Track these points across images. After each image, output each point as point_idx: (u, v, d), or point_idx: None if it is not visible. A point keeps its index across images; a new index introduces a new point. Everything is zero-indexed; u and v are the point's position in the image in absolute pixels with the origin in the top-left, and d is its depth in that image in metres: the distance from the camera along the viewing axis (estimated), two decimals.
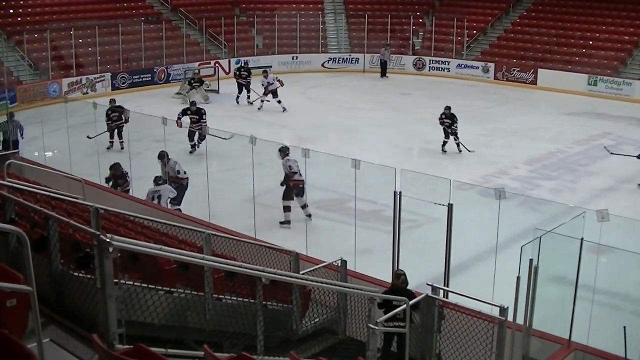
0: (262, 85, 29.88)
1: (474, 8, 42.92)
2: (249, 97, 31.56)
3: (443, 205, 11.79)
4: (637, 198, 19.77)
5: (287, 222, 17.09)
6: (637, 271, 9.42)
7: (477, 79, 38.71)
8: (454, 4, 43.48)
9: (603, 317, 11.99)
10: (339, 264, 11.18)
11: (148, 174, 19.17)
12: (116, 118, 22.42)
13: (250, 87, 31.54)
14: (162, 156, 18.06)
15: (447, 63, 40.46)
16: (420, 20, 42.84)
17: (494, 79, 38.55)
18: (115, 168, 18.13)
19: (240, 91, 31.76)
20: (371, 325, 8.48)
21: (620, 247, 10.19)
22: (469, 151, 23.55)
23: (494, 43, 41.10)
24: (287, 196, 17.13)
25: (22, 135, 21.58)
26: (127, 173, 18.27)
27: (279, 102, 29.31)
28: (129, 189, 18.20)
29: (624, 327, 9.08)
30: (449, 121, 23.84)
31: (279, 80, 29.84)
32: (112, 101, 23.81)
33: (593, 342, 10.02)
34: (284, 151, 17.29)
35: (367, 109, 27.22)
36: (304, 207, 17.27)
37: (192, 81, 32.39)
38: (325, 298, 10.80)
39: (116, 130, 22.64)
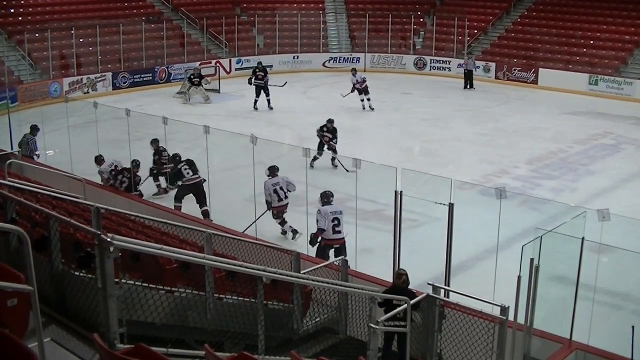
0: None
1: (475, 7, 42.90)
2: (269, 101, 30.41)
3: (444, 204, 11.79)
4: (638, 197, 19.75)
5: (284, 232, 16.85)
6: (638, 270, 9.42)
7: (478, 79, 38.66)
8: (454, 4, 43.47)
9: (604, 316, 11.99)
10: (340, 264, 11.19)
11: (148, 174, 19.21)
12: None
13: (269, 85, 30.59)
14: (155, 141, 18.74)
15: (448, 62, 40.45)
16: (421, 19, 42.84)
17: (495, 78, 38.52)
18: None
19: (258, 94, 30.47)
20: (372, 325, 8.48)
21: (621, 247, 10.19)
22: (347, 170, 19.66)
23: (494, 42, 41.08)
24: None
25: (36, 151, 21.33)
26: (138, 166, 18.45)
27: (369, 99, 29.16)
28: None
29: (632, 327, 9.06)
30: (329, 135, 21.91)
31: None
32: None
33: (594, 342, 10.02)
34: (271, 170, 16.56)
35: (367, 108, 27.26)
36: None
37: (192, 77, 32.31)
38: (326, 297, 10.78)
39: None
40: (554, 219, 12.80)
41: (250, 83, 30.97)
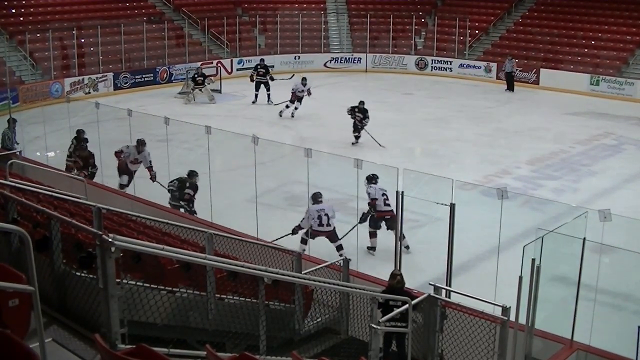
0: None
1: (476, 8, 42.90)
2: (269, 95, 31.13)
3: (445, 205, 11.79)
4: (639, 198, 19.75)
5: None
6: (637, 271, 9.43)
7: (480, 79, 38.71)
8: (456, 4, 43.46)
9: (605, 317, 11.99)
10: (341, 264, 11.19)
11: (149, 174, 19.23)
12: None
13: (270, 85, 31.17)
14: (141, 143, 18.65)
15: (449, 63, 40.47)
16: (423, 20, 42.84)
17: (497, 78, 38.51)
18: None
19: (257, 89, 31.28)
20: (373, 325, 8.47)
21: (622, 247, 10.19)
22: (380, 145, 23.84)
23: (496, 43, 41.07)
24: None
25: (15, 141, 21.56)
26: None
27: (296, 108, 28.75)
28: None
29: (639, 327, 9.05)
30: (360, 115, 24.12)
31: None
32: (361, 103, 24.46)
33: (595, 342, 10.02)
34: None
35: (369, 109, 27.12)
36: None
37: (196, 76, 32.34)
38: (327, 298, 10.78)
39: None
40: (556, 219, 12.79)
41: (252, 80, 31.47)
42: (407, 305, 8.97)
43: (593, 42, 38.25)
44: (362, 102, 24.23)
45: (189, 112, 27.95)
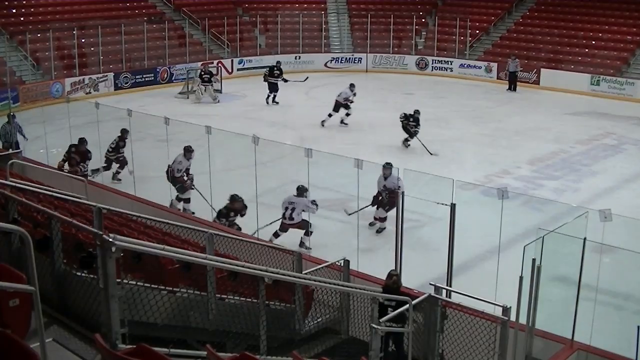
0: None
1: (477, 8, 42.91)
2: (275, 96, 31.27)
3: (446, 205, 11.79)
4: (639, 198, 19.77)
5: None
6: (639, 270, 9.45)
7: (480, 79, 38.71)
8: (456, 4, 43.45)
9: (606, 317, 11.99)
10: (342, 264, 11.18)
11: (150, 174, 19.25)
12: None
13: (278, 87, 31.29)
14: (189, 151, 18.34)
15: (449, 63, 40.47)
16: (423, 20, 42.85)
17: (497, 78, 38.52)
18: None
19: (271, 90, 31.38)
20: (374, 325, 8.48)
21: (623, 247, 10.19)
22: (431, 154, 23.62)
23: (496, 43, 41.07)
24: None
25: (23, 135, 21.73)
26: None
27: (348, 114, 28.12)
28: (86, 174, 18.69)
29: (639, 327, 9.06)
30: (414, 123, 24.09)
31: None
32: None
33: (596, 342, 10.02)
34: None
35: (370, 108, 27.18)
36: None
37: (202, 73, 32.40)
38: (328, 298, 10.79)
39: None
40: (556, 219, 12.79)
41: (265, 80, 31.55)
42: (405, 305, 8.98)
43: (593, 42, 38.26)
44: (417, 112, 24.19)
45: (189, 112, 27.92)
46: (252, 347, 7.78)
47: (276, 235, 15.99)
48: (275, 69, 31.59)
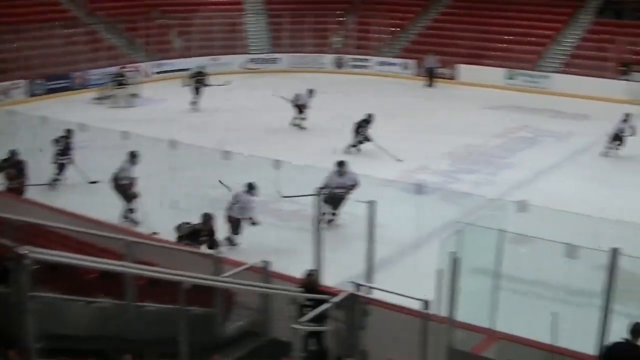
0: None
1: (395, 5, 43.19)
2: (195, 102, 30.75)
3: (364, 202, 11.82)
4: (555, 188, 20.13)
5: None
6: (557, 259, 9.59)
7: (399, 76, 39.05)
8: (374, 2, 43.64)
9: (525, 305, 12.20)
10: (262, 266, 11.14)
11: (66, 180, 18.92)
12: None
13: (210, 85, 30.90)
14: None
15: (368, 61, 40.73)
16: (342, 18, 42.99)
17: (415, 75, 38.91)
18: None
19: (195, 95, 30.82)
20: (295, 325, 8.47)
21: (539, 237, 10.34)
22: (397, 160, 23.12)
23: (414, 40, 41.46)
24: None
25: None
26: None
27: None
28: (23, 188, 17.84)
29: (555, 314, 9.21)
30: (365, 126, 23.86)
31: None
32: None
33: (516, 330, 10.15)
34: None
35: (288, 109, 27.11)
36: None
37: (118, 78, 32.06)
38: (248, 300, 10.75)
39: None
40: (474, 212, 12.99)
41: (187, 85, 31.23)
42: (325, 304, 8.99)
43: (509, 38, 38.97)
44: (370, 115, 23.86)
45: (107, 118, 27.52)
46: (173, 354, 7.71)
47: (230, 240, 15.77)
48: (200, 74, 31.26)
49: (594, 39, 37.62)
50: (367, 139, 23.58)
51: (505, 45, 38.65)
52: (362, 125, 23.71)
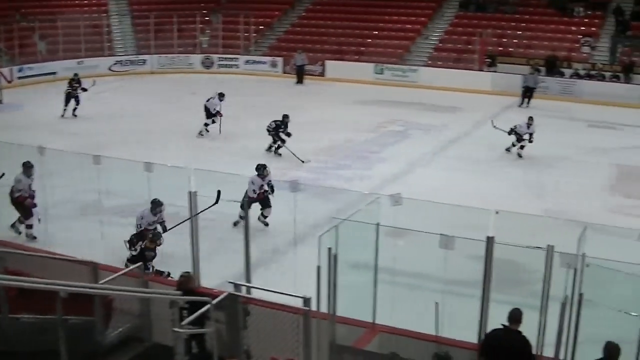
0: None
1: (261, 3, 43.26)
2: (75, 109, 29.41)
3: (238, 202, 11.76)
4: (428, 180, 20.50)
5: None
6: (433, 250, 9.73)
7: (267, 74, 39.09)
8: (240, 0, 43.59)
9: (404, 297, 12.37)
10: (139, 270, 10.95)
11: None
12: None
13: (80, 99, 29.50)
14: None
15: (235, 60, 40.63)
16: (207, 18, 42.72)
17: (283, 73, 39.04)
18: None
19: (67, 102, 29.30)
20: (176, 329, 8.35)
21: (414, 229, 10.47)
22: (302, 161, 22.87)
23: (281, 38, 41.61)
24: None
25: None
26: None
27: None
28: None
29: (436, 304, 9.36)
30: (282, 127, 23.52)
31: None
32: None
33: (397, 323, 10.27)
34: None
35: (157, 110, 26.80)
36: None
37: None
38: (128, 306, 10.54)
39: None
40: (350, 207, 13.07)
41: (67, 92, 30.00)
42: (204, 306, 8.88)
43: (376, 32, 39.53)
44: (286, 116, 23.56)
45: None
46: None
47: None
48: (74, 81, 30.22)
49: (458, 32, 38.64)
50: (282, 141, 23.29)
51: (372, 40, 39.18)
52: (279, 127, 23.38)
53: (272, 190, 16.61)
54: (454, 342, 9.49)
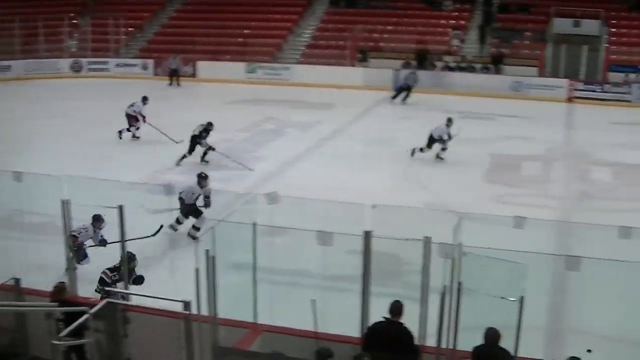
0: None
1: (130, 5, 42.80)
2: None
3: (114, 208, 11.51)
4: (304, 177, 20.60)
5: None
6: (312, 248, 9.78)
7: (138, 77, 38.59)
8: (109, 2, 43.02)
9: (285, 295, 12.41)
10: (12, 284, 10.64)
11: None
12: None
13: None
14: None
15: (105, 63, 39.97)
16: (75, 21, 41.83)
17: (154, 75, 38.66)
18: None
19: None
20: (54, 341, 8.17)
21: (292, 227, 10.51)
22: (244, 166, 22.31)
23: (152, 39, 41.21)
24: None
25: None
26: None
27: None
28: None
29: (313, 301, 9.39)
30: (205, 134, 22.79)
31: None
32: None
33: (278, 321, 10.29)
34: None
35: (22, 119, 25.99)
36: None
37: None
38: (2, 321, 10.25)
39: None
40: (226, 207, 13.04)
41: None
42: (82, 316, 8.72)
43: (247, 32, 39.52)
44: (210, 124, 22.75)
45: None
46: None
47: None
48: None
49: (329, 29, 39.05)
50: (211, 148, 22.62)
51: (243, 39, 39.14)
52: (202, 136, 22.62)
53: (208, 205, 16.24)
54: (335, 338, 9.56)
